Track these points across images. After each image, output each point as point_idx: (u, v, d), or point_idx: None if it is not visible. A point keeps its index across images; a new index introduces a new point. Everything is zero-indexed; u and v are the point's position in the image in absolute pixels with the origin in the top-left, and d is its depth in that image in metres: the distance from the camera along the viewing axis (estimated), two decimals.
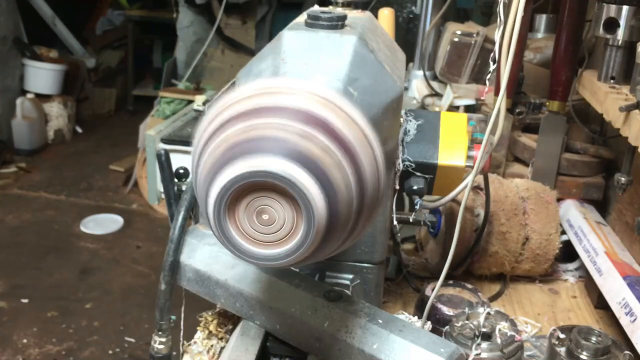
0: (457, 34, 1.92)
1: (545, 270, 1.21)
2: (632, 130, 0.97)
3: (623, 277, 1.03)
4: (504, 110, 0.96)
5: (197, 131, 0.62)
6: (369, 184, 0.59)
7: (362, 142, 0.59)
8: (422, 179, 0.95)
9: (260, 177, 0.54)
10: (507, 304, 1.16)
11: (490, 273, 1.21)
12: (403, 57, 1.00)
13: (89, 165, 4.58)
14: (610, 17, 1.11)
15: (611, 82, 1.15)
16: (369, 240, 0.92)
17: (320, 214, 0.55)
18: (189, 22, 4.95)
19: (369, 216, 0.62)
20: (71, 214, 3.84)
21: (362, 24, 0.87)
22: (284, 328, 0.83)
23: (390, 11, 1.70)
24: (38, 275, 3.19)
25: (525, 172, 1.44)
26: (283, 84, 0.62)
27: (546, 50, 1.75)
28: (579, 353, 0.84)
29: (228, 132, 0.57)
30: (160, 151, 0.98)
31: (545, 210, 1.17)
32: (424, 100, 1.92)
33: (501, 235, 1.15)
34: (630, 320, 0.95)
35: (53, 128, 4.90)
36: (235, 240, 0.58)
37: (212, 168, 0.57)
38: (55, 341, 2.71)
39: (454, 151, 0.95)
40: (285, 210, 0.56)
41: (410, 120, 0.99)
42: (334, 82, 0.75)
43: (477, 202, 1.16)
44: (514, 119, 1.46)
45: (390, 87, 0.80)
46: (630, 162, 1.11)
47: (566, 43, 1.30)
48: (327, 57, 0.77)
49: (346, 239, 0.61)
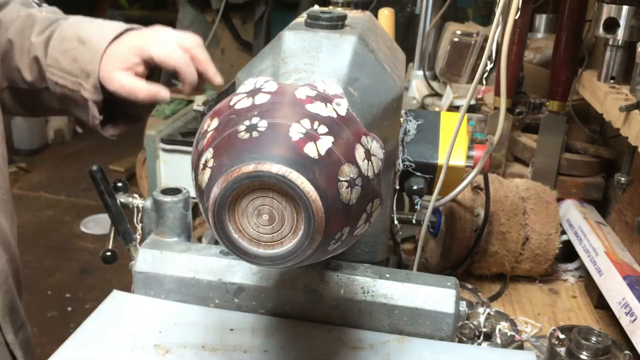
0: (457, 34, 1.92)
1: (545, 270, 1.21)
2: (632, 130, 0.97)
3: (623, 277, 1.03)
4: (504, 110, 0.96)
5: (198, 131, 0.62)
6: (368, 184, 0.59)
7: (362, 142, 0.59)
8: (422, 179, 0.95)
9: (261, 177, 0.54)
10: (507, 304, 1.16)
11: (490, 273, 1.21)
12: (403, 57, 1.00)
13: (89, 165, 4.54)
14: (610, 17, 1.11)
15: (611, 82, 1.15)
16: (369, 240, 0.92)
17: (320, 214, 0.55)
18: (189, 22, 4.95)
19: (369, 216, 0.62)
20: (71, 214, 3.84)
21: (362, 24, 0.87)
22: (295, 308, 0.87)
23: (390, 11, 1.70)
24: (38, 275, 3.19)
25: (525, 172, 1.44)
26: (283, 84, 0.62)
27: (546, 50, 1.75)
28: (579, 353, 0.84)
29: (228, 132, 0.57)
30: (93, 167, 0.98)
31: (545, 210, 1.17)
32: (424, 100, 1.92)
33: (501, 235, 1.15)
34: (630, 320, 0.95)
35: (53, 128, 4.90)
36: (235, 240, 0.58)
37: (212, 168, 0.57)
38: (55, 341, 2.72)
39: (454, 151, 0.95)
40: (285, 210, 0.56)
41: (410, 120, 0.99)
42: (334, 82, 0.75)
43: (477, 202, 1.17)
44: (514, 119, 1.46)
45: (390, 87, 0.81)
46: (630, 162, 1.11)
47: (566, 43, 1.30)
48: (327, 57, 0.77)
49: (346, 239, 0.61)
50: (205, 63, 0.92)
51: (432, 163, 0.95)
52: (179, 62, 0.88)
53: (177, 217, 0.95)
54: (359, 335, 0.85)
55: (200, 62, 0.92)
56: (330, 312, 0.86)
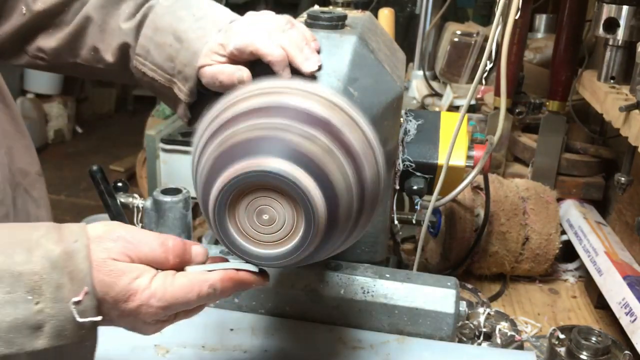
0: (457, 34, 1.92)
1: (545, 270, 1.21)
2: (632, 130, 0.97)
3: (623, 277, 1.03)
4: (504, 110, 0.96)
5: (198, 131, 0.62)
6: (369, 185, 0.59)
7: (362, 142, 0.59)
8: (422, 179, 0.95)
9: (261, 177, 0.54)
10: (507, 304, 1.16)
11: (490, 273, 1.21)
12: (403, 57, 1.00)
13: (89, 165, 4.55)
14: (610, 17, 1.11)
15: (611, 82, 1.15)
16: (369, 240, 0.92)
17: (320, 214, 0.55)
18: None
19: (369, 216, 0.62)
20: (71, 214, 3.84)
21: (362, 24, 0.87)
22: (295, 308, 0.87)
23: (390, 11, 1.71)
24: None
25: (525, 172, 1.44)
26: (283, 84, 0.62)
27: (546, 50, 1.75)
28: (579, 353, 0.84)
29: (228, 132, 0.57)
30: (93, 167, 0.96)
31: (545, 210, 1.17)
32: (424, 100, 1.92)
33: (501, 235, 1.15)
34: (630, 320, 0.95)
35: (53, 128, 4.90)
36: (236, 240, 0.58)
37: (212, 168, 0.57)
38: None
39: (454, 151, 0.95)
40: (285, 210, 0.56)
41: (410, 120, 0.99)
42: (334, 82, 0.75)
43: (477, 202, 1.17)
44: (514, 119, 1.46)
45: (390, 87, 0.81)
46: (630, 162, 1.11)
47: (566, 43, 1.30)
48: (327, 57, 0.77)
49: (346, 239, 0.61)
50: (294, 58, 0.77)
51: (432, 163, 0.96)
52: (275, 59, 0.75)
53: (177, 217, 0.95)
54: (359, 335, 0.85)
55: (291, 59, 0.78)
56: (330, 312, 0.87)
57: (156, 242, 0.58)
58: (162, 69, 0.81)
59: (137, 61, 0.83)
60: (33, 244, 0.53)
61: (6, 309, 0.51)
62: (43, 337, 0.52)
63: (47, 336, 0.52)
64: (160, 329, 0.61)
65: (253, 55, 0.74)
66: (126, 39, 0.83)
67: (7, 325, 0.51)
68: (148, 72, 0.82)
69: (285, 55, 0.73)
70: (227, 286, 0.60)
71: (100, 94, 5.58)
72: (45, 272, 0.52)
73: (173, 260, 0.59)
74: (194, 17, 0.80)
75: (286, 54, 0.74)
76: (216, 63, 0.77)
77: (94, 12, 0.85)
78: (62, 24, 0.86)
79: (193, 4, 0.83)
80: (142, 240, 0.58)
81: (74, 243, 0.54)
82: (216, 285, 0.59)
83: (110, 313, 0.57)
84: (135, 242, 0.57)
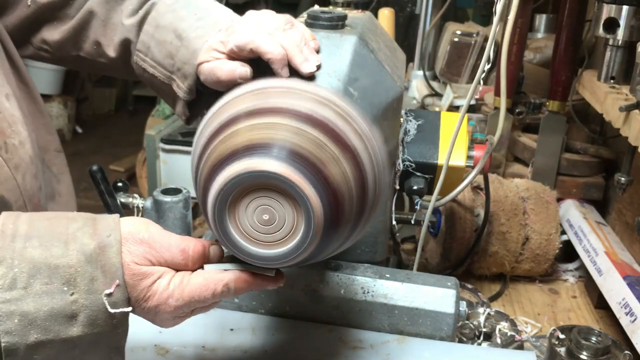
0: (457, 34, 1.92)
1: (545, 270, 1.21)
2: (632, 130, 0.97)
3: (623, 277, 1.03)
4: (504, 110, 0.96)
5: (198, 131, 0.62)
6: (369, 185, 0.59)
7: (362, 143, 0.59)
8: (422, 179, 0.95)
9: (260, 177, 0.54)
10: (507, 304, 1.16)
11: (490, 273, 1.21)
12: (403, 57, 1.00)
13: (89, 165, 4.55)
14: (610, 17, 1.11)
15: (611, 82, 1.15)
16: (369, 240, 0.92)
17: (320, 214, 0.55)
18: None
19: (369, 216, 0.62)
20: None
21: (362, 24, 0.87)
22: (295, 308, 0.87)
23: (390, 11, 1.71)
24: None
25: (525, 172, 1.44)
26: (284, 84, 0.62)
27: (546, 50, 1.75)
28: (579, 353, 0.84)
29: (229, 132, 0.57)
30: (93, 167, 0.96)
31: (545, 210, 1.17)
32: (424, 100, 1.92)
33: (501, 235, 1.15)
34: (630, 320, 0.95)
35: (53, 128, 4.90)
36: (236, 240, 0.58)
37: (212, 168, 0.57)
38: None
39: (454, 151, 0.95)
40: (285, 210, 0.56)
41: (410, 120, 0.99)
42: (334, 82, 0.75)
43: (477, 202, 1.17)
44: (514, 119, 1.46)
45: (390, 87, 0.81)
46: (630, 162, 1.11)
47: (566, 43, 1.30)
48: (327, 57, 0.77)
49: (347, 239, 0.61)
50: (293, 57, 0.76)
51: (432, 163, 0.96)
52: (275, 58, 0.74)
53: (177, 217, 0.96)
54: (359, 335, 0.85)
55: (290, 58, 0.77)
56: (330, 312, 0.87)
57: (177, 249, 0.62)
58: (162, 66, 0.82)
59: (138, 57, 0.84)
60: (70, 237, 0.58)
61: (44, 299, 0.55)
62: (77, 326, 0.57)
63: (81, 324, 0.57)
64: (178, 322, 0.65)
65: (253, 52, 0.74)
66: (128, 34, 0.84)
67: (44, 313, 0.55)
68: (148, 69, 0.83)
69: (285, 54, 0.73)
70: (241, 286, 0.63)
71: (100, 94, 5.57)
72: (80, 266, 0.57)
73: (192, 266, 0.63)
74: (195, 17, 0.81)
75: (286, 53, 0.73)
76: (215, 60, 0.77)
77: (98, 7, 0.86)
78: (66, 17, 0.88)
79: (195, 3, 0.84)
80: (164, 245, 0.61)
81: (107, 237, 0.58)
82: (230, 284, 0.62)
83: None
84: (157, 248, 0.61)
